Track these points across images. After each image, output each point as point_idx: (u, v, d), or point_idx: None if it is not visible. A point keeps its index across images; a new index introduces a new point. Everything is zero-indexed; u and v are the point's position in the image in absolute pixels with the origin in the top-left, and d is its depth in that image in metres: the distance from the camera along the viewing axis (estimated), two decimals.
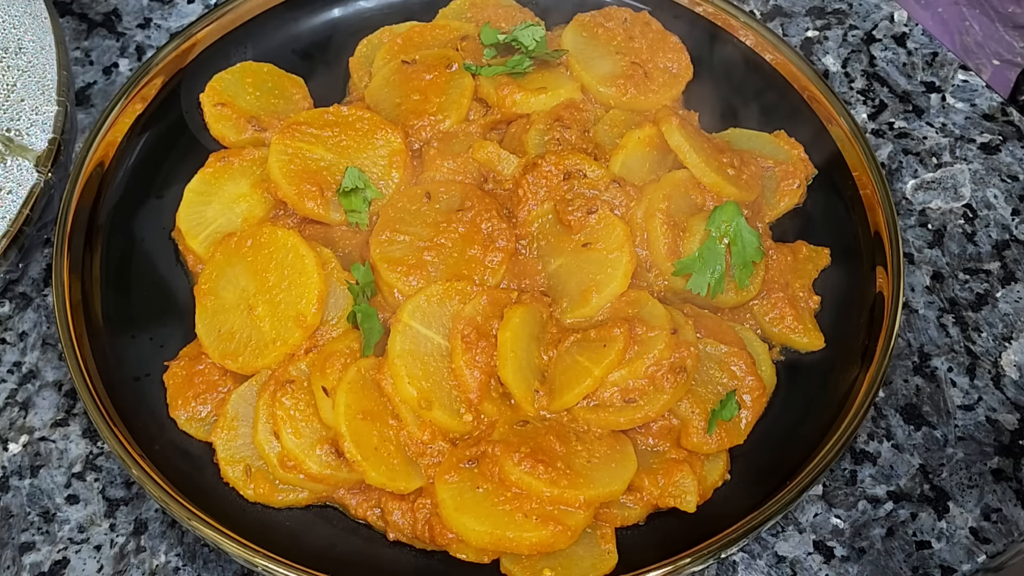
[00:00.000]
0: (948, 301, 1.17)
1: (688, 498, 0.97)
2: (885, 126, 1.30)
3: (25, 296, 1.17)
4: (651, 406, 0.97)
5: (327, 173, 1.08)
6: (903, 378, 1.12)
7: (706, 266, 1.04)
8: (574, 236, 1.05)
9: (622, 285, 1.03)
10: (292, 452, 0.96)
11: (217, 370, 1.03)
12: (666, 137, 1.09)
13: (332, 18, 1.28)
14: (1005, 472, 1.07)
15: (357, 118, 1.12)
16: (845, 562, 1.02)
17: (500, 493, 0.93)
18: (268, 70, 1.22)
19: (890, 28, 1.38)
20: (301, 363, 1.00)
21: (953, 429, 1.09)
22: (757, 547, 1.03)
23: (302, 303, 1.00)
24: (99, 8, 1.38)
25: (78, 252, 1.08)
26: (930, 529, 1.04)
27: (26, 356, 1.13)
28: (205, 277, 1.05)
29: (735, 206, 1.06)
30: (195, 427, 1.02)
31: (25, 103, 1.17)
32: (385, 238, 1.05)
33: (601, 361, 0.97)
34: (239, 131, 1.17)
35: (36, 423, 1.09)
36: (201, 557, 1.02)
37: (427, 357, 0.98)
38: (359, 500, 0.99)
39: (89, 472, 1.07)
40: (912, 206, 1.24)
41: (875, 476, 1.07)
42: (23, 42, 1.20)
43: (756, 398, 1.01)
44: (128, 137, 1.16)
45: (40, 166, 1.14)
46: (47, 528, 1.03)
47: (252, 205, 1.11)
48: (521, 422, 0.98)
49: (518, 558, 0.94)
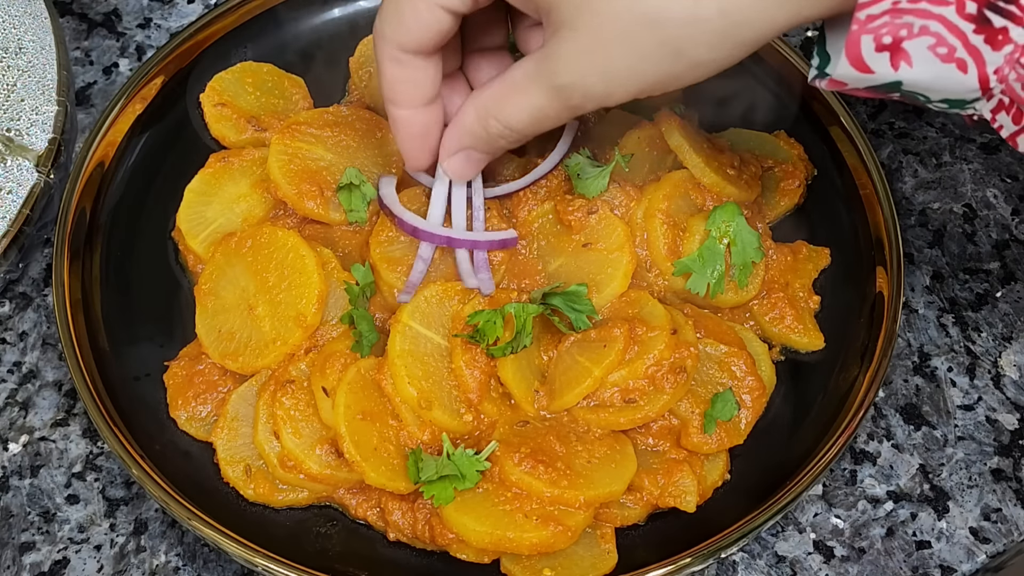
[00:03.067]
0: (948, 301, 1.17)
1: (688, 498, 0.97)
2: (885, 126, 1.30)
3: (25, 296, 1.17)
4: (651, 406, 0.97)
5: (327, 173, 1.08)
6: (903, 378, 1.12)
7: (706, 266, 1.04)
8: (574, 236, 1.05)
9: (622, 285, 1.03)
10: (292, 452, 0.96)
11: (217, 370, 1.03)
12: (666, 137, 1.09)
13: (332, 18, 1.28)
14: (1005, 472, 1.07)
15: (357, 118, 1.12)
16: (845, 562, 1.02)
17: (500, 493, 0.93)
18: (268, 70, 1.22)
19: None
20: (301, 363, 1.00)
21: (953, 429, 1.09)
22: (757, 547, 1.03)
23: (302, 303, 1.00)
24: (99, 8, 1.38)
25: (78, 252, 1.08)
26: (930, 529, 1.04)
27: (26, 356, 1.13)
28: (205, 277, 1.05)
29: (735, 206, 1.06)
30: (195, 427, 1.02)
31: (25, 103, 1.17)
32: (385, 238, 1.05)
33: (601, 361, 0.97)
34: (239, 131, 1.17)
35: (36, 423, 1.09)
36: (201, 557, 1.02)
37: (427, 357, 0.98)
38: (359, 500, 0.99)
39: (89, 472, 1.07)
40: (912, 206, 1.24)
41: (875, 476, 1.07)
42: (23, 42, 1.20)
43: (756, 398, 1.01)
44: (128, 137, 1.16)
45: (40, 166, 1.14)
46: (47, 528, 1.03)
47: (252, 205, 1.11)
48: (521, 422, 0.98)
49: (518, 558, 0.94)
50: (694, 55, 0.79)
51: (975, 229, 1.22)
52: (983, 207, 1.24)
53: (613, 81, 0.82)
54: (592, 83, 0.82)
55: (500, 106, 0.89)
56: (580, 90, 0.83)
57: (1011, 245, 1.21)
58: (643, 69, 0.80)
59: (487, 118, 0.90)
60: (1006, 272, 1.19)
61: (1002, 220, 1.23)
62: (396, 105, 0.94)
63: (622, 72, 0.81)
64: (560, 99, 0.85)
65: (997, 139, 1.28)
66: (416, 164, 0.99)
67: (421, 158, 0.98)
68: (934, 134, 1.29)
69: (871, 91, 0.78)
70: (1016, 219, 1.23)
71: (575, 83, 0.83)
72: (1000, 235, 1.22)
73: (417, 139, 0.96)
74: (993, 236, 1.22)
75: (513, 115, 0.88)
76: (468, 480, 0.93)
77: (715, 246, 1.05)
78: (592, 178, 1.05)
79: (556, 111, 0.86)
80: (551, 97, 0.85)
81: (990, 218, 1.23)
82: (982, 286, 1.18)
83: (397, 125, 0.95)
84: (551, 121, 0.88)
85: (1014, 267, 1.19)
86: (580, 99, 0.84)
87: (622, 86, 0.82)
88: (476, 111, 0.91)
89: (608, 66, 0.81)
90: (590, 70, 0.81)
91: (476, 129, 0.92)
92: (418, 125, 0.95)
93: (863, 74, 0.76)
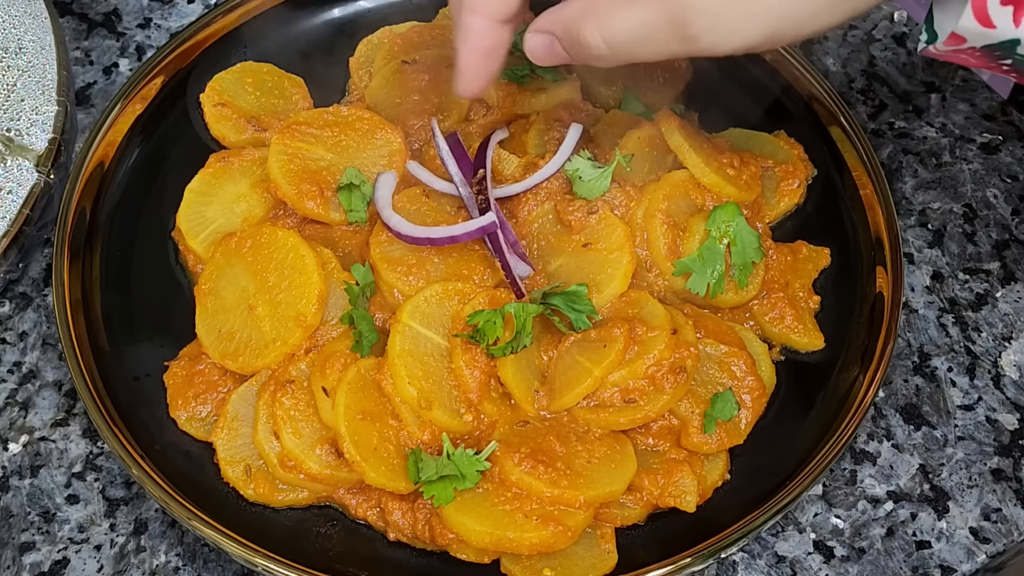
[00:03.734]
0: (948, 301, 1.17)
1: (688, 498, 0.97)
2: (885, 126, 1.30)
3: (25, 296, 1.17)
4: (651, 406, 0.97)
5: (327, 173, 1.08)
6: (903, 378, 1.12)
7: (706, 266, 1.04)
8: (574, 236, 1.05)
9: (622, 285, 1.03)
10: (292, 452, 0.96)
11: (217, 370, 1.03)
12: (666, 137, 1.09)
13: (332, 18, 1.28)
14: (1005, 472, 1.07)
15: (357, 118, 1.12)
16: (845, 562, 1.02)
17: (500, 493, 0.93)
18: (268, 70, 1.22)
19: (890, 28, 1.38)
20: (301, 363, 1.00)
21: (953, 429, 1.09)
22: (757, 547, 1.03)
23: (302, 303, 1.00)
24: (99, 8, 1.38)
25: (78, 252, 1.08)
26: (930, 529, 1.04)
27: (26, 356, 1.13)
28: (205, 277, 1.05)
29: (735, 206, 1.06)
30: (195, 427, 1.02)
31: (25, 103, 1.17)
32: (385, 238, 1.05)
33: (601, 361, 0.97)
34: (239, 131, 1.17)
35: (36, 423, 1.09)
36: (201, 557, 1.02)
37: (427, 357, 0.98)
38: (359, 500, 0.99)
39: (89, 472, 1.07)
40: (912, 206, 1.24)
41: (875, 476, 1.07)
42: (23, 42, 1.20)
43: (756, 398, 1.01)
44: (128, 137, 1.16)
45: (40, 166, 1.14)
46: (47, 528, 1.03)
47: (252, 205, 1.11)
48: (521, 422, 0.98)
49: (518, 558, 0.94)
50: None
51: (975, 229, 1.22)
52: (983, 207, 1.24)
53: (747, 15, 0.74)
54: (722, 12, 0.74)
55: (607, 12, 0.79)
56: (705, 18, 0.75)
57: (1011, 245, 1.21)
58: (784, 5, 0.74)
59: (587, 21, 0.81)
60: (1006, 272, 1.19)
61: (1002, 220, 1.23)
62: (474, 12, 0.85)
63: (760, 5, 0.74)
64: (677, 23, 0.76)
65: (997, 139, 1.28)
66: (471, 85, 0.90)
67: (477, 80, 0.90)
68: (934, 134, 1.29)
69: (985, 53, 0.75)
70: (1016, 219, 1.23)
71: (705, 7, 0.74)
72: (1000, 235, 1.22)
73: (482, 56, 0.88)
74: (993, 236, 1.22)
75: (616, 26, 0.79)
76: (468, 480, 0.93)
77: (715, 246, 1.05)
78: (593, 179, 1.05)
79: (665, 36, 0.77)
80: (668, 18, 0.76)
81: (990, 218, 1.23)
82: (982, 286, 1.18)
83: (467, 35, 0.86)
84: (653, 48, 0.79)
85: (1014, 267, 1.19)
86: (699, 29, 0.75)
87: (754, 25, 0.75)
88: (581, 8, 0.81)
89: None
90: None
91: (571, 28, 0.82)
92: (490, 40, 0.87)
93: (985, 28, 0.73)
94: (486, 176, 1.06)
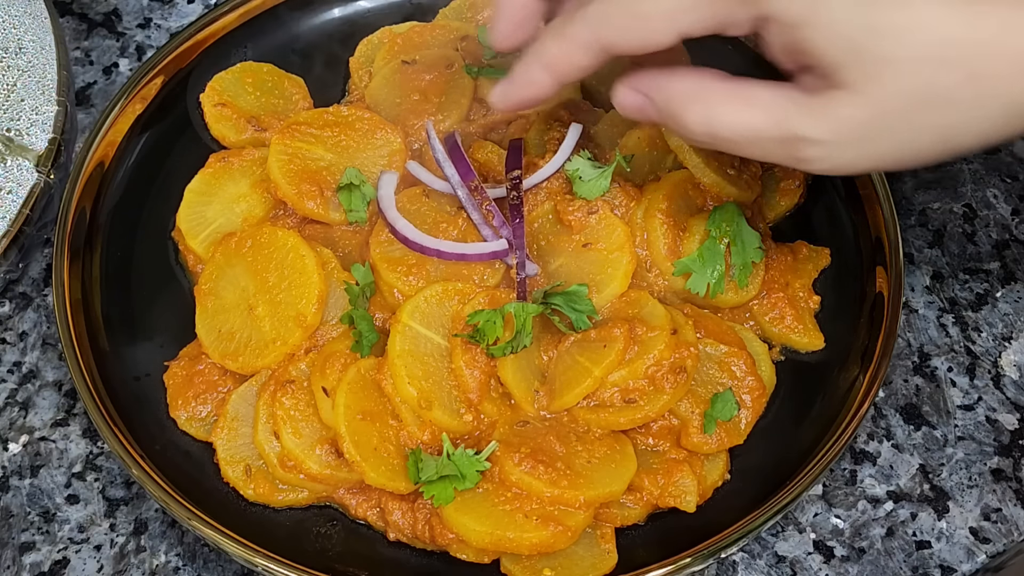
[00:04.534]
0: (948, 301, 1.17)
1: (688, 498, 0.97)
2: None
3: (25, 296, 1.17)
4: (651, 406, 0.97)
5: (327, 173, 1.08)
6: (903, 378, 1.12)
7: (706, 266, 1.04)
8: (574, 236, 1.05)
9: (622, 285, 1.03)
10: (292, 452, 0.96)
11: (217, 370, 1.03)
12: (666, 137, 1.09)
13: (332, 18, 1.28)
14: (1005, 472, 1.07)
15: (357, 118, 1.12)
16: (845, 562, 1.02)
17: (500, 493, 0.93)
18: (268, 70, 1.22)
19: None
20: (301, 363, 1.00)
21: (953, 429, 1.09)
22: (757, 547, 1.03)
23: (302, 303, 1.00)
24: (99, 8, 1.38)
25: (78, 252, 1.09)
26: (930, 529, 1.04)
27: (26, 356, 1.13)
28: (205, 277, 1.05)
29: (735, 206, 1.06)
30: (195, 427, 1.02)
31: (25, 103, 1.17)
32: (385, 238, 1.05)
33: (601, 361, 0.97)
34: (239, 131, 1.17)
35: (36, 423, 1.09)
36: (201, 557, 1.02)
37: (427, 357, 0.98)
38: (359, 500, 0.99)
39: (89, 472, 1.07)
40: (912, 206, 1.24)
41: (875, 476, 1.07)
42: (23, 42, 1.20)
43: (756, 398, 1.01)
44: (128, 137, 1.17)
45: (40, 166, 1.14)
46: (47, 528, 1.03)
47: (252, 205, 1.11)
48: (521, 422, 0.98)
49: (518, 558, 0.94)
50: (962, 143, 0.74)
51: (975, 229, 1.22)
52: (983, 207, 1.24)
53: (858, 156, 0.76)
54: (835, 154, 0.76)
55: (720, 105, 0.79)
56: (816, 149, 0.76)
57: (1011, 245, 1.21)
58: (901, 150, 0.75)
59: (695, 104, 0.79)
60: (1006, 272, 1.19)
61: (1002, 220, 1.23)
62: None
63: (881, 149, 0.75)
64: (787, 145, 0.76)
65: None
66: (505, 40, 0.89)
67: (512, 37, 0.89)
68: None
69: None
70: (1016, 219, 1.23)
71: (817, 138, 0.75)
72: (1000, 235, 1.22)
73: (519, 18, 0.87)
74: (993, 236, 1.22)
75: (725, 120, 0.78)
76: (468, 480, 0.93)
77: (715, 246, 1.05)
78: (593, 179, 1.05)
79: (773, 149, 0.78)
80: (779, 138, 0.76)
81: (990, 218, 1.23)
82: (982, 286, 1.18)
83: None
84: (755, 152, 0.79)
85: (1014, 267, 1.20)
86: (809, 157, 0.76)
87: (863, 164, 0.77)
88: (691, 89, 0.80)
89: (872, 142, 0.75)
90: (849, 136, 0.75)
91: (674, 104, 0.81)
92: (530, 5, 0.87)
93: None
94: (520, 177, 1.06)
